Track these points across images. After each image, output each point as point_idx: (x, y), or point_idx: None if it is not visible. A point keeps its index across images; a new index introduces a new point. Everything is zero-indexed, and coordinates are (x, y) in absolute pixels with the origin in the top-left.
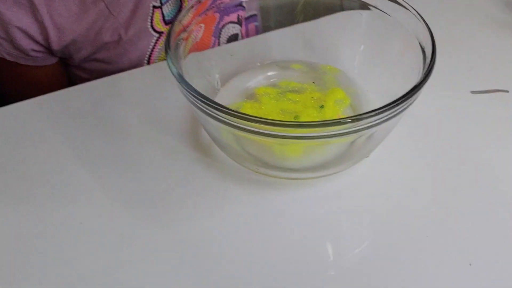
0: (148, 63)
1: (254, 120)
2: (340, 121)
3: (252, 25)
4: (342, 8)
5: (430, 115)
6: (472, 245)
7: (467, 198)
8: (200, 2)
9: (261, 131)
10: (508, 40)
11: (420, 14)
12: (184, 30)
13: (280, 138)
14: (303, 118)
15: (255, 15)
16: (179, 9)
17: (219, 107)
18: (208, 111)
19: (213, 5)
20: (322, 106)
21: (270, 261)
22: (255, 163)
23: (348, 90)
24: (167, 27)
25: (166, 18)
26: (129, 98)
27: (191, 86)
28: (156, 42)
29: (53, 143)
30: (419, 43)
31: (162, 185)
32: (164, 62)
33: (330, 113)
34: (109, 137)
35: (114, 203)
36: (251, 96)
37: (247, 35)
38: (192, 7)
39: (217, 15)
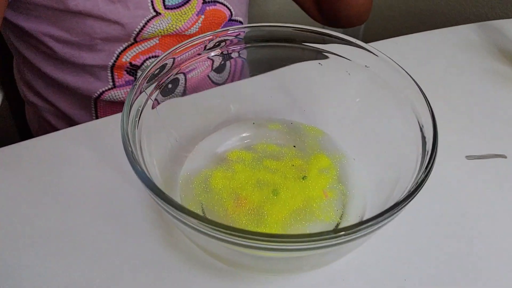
0: (136, 37)
1: (220, 229)
2: (329, 236)
3: (239, 60)
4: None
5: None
6: None
7: (466, 277)
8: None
9: (229, 239)
10: (508, 96)
11: (417, 81)
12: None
13: (250, 248)
14: (283, 193)
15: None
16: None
17: (174, 209)
18: (165, 209)
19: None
20: (304, 177)
21: None
22: (225, 257)
23: (333, 156)
24: (166, 11)
25: (167, 3)
26: (79, 157)
27: (149, 180)
28: (151, 19)
29: None
30: (415, 116)
31: (114, 269)
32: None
33: (314, 187)
34: (53, 205)
35: None
36: (223, 161)
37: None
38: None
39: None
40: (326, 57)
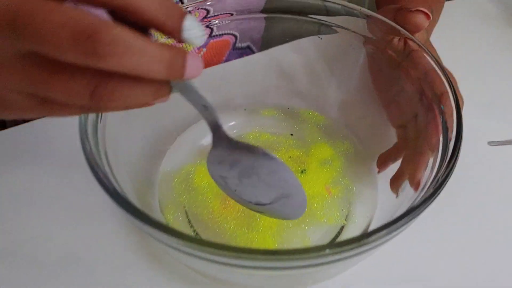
0: None
1: (196, 245)
2: (323, 253)
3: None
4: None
5: None
6: None
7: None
8: None
9: (209, 257)
10: None
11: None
12: None
13: (237, 267)
14: None
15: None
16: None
17: (145, 222)
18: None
19: None
20: (303, 171)
21: None
22: (212, 274)
23: (336, 146)
24: None
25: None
26: (36, 152)
27: (111, 187)
28: None
29: None
30: (433, 93)
31: (84, 274)
32: None
33: (314, 183)
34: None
35: None
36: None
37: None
38: None
39: None
40: (327, 30)
